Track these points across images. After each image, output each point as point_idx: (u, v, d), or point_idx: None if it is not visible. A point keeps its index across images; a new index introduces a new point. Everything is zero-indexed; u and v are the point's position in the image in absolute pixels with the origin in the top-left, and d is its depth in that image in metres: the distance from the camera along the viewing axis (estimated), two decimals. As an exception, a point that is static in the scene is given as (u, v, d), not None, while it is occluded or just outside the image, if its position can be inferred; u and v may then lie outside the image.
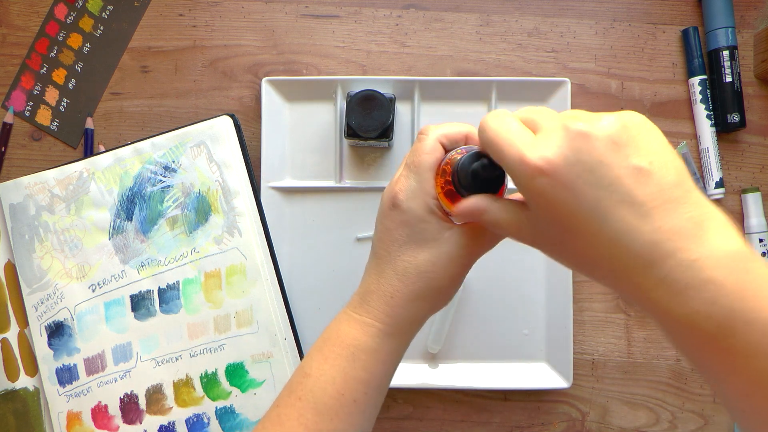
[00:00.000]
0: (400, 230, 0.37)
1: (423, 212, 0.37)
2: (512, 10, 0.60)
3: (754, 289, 0.25)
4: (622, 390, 0.58)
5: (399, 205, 0.37)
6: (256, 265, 0.55)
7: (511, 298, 0.58)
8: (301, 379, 0.38)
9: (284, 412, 0.37)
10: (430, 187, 0.37)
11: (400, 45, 0.60)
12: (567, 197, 0.28)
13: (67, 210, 0.56)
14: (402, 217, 0.37)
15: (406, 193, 0.37)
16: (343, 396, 0.37)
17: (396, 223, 0.37)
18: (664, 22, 0.60)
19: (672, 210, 0.27)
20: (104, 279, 0.56)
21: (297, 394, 0.37)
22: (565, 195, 0.28)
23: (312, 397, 0.37)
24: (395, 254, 0.37)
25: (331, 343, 0.38)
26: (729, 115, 0.58)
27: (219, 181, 0.55)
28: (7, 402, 0.56)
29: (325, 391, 0.37)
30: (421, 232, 0.37)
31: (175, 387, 0.55)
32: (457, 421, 0.58)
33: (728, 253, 0.26)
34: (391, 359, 0.39)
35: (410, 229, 0.37)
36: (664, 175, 0.27)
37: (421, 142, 0.38)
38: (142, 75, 0.60)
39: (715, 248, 0.26)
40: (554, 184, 0.28)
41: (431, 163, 0.37)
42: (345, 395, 0.37)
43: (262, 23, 0.60)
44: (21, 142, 0.60)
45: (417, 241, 0.37)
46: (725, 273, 0.25)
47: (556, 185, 0.28)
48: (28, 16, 0.61)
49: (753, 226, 0.58)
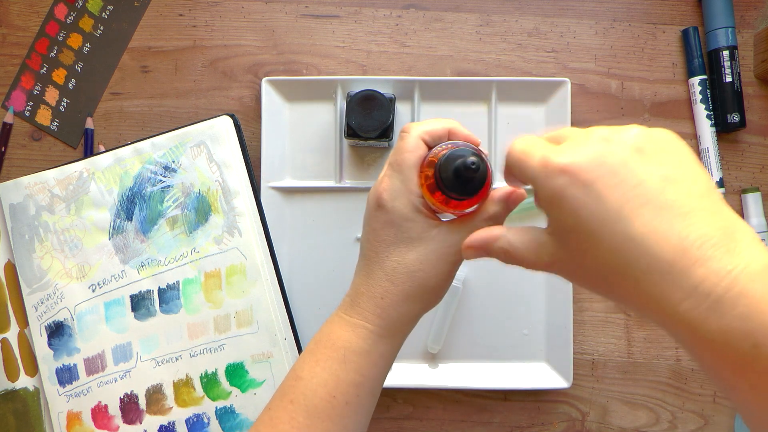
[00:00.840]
0: (387, 230, 0.37)
1: (408, 211, 0.36)
2: (512, 10, 0.60)
3: None
4: (622, 390, 0.58)
5: (384, 206, 0.37)
6: (256, 265, 0.55)
7: (511, 298, 0.58)
8: (292, 382, 0.38)
9: (276, 415, 0.37)
10: (414, 186, 0.36)
11: (400, 45, 0.60)
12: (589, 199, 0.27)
13: (67, 210, 0.56)
14: (387, 217, 0.37)
15: (390, 192, 0.37)
16: (335, 398, 0.37)
17: (382, 223, 0.37)
18: (664, 22, 0.60)
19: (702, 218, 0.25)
20: (104, 279, 0.56)
21: (289, 397, 0.37)
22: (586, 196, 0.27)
23: (304, 399, 0.37)
24: (383, 255, 0.37)
25: (323, 346, 0.38)
26: (729, 115, 0.58)
27: (219, 181, 0.55)
28: (7, 402, 0.56)
29: (317, 393, 0.37)
30: (407, 231, 0.37)
31: (175, 387, 0.55)
32: (457, 421, 0.58)
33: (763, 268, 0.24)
34: (383, 361, 0.38)
35: (396, 228, 0.37)
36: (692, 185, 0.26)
37: (403, 141, 0.37)
38: (142, 75, 0.60)
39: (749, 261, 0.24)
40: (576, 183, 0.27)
41: (414, 161, 0.37)
42: (337, 398, 0.37)
43: (262, 23, 0.60)
44: (21, 142, 0.60)
45: (404, 241, 0.37)
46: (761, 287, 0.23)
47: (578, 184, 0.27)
48: (28, 16, 0.61)
49: (753, 226, 0.58)
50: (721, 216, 0.26)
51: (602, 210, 0.26)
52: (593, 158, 0.27)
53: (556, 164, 0.27)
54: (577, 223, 0.27)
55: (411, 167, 0.37)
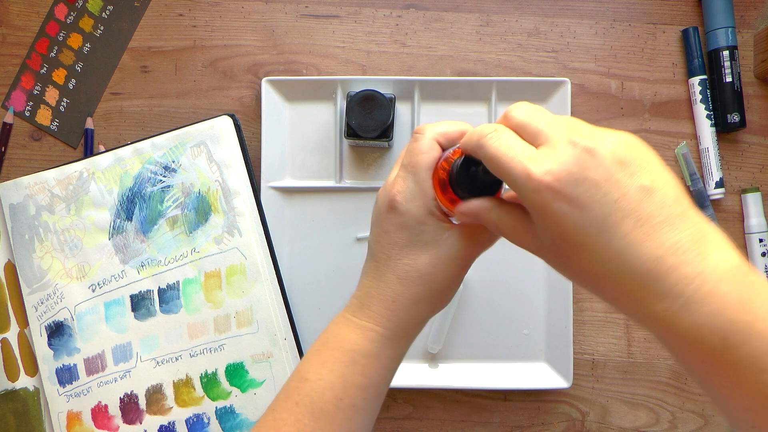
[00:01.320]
0: (400, 233, 0.36)
1: (422, 214, 0.36)
2: (512, 10, 0.60)
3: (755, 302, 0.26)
4: (622, 390, 0.58)
5: (397, 208, 0.36)
6: (256, 265, 0.55)
7: (511, 298, 0.58)
8: (298, 384, 0.38)
9: (281, 417, 0.37)
10: (429, 188, 0.36)
11: (400, 45, 0.60)
12: (573, 212, 0.28)
13: (67, 210, 0.56)
14: (400, 219, 0.36)
15: (404, 195, 0.36)
16: (341, 401, 0.36)
17: (395, 225, 0.37)
18: (664, 22, 0.60)
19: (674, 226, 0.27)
20: (104, 279, 0.56)
21: (294, 399, 0.37)
22: (571, 210, 0.28)
23: (310, 402, 0.36)
24: (395, 257, 0.37)
25: (330, 347, 0.38)
26: (729, 115, 0.58)
27: (219, 181, 0.55)
28: (7, 402, 0.56)
29: (323, 396, 0.36)
30: (420, 234, 0.36)
31: (175, 387, 0.55)
32: (457, 421, 0.58)
33: (729, 268, 0.27)
34: (391, 364, 0.38)
35: (409, 231, 0.36)
36: (666, 193, 0.28)
37: (418, 142, 0.37)
38: (142, 75, 0.60)
39: (716, 263, 0.27)
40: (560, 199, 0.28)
41: (429, 163, 0.36)
42: (344, 400, 0.36)
43: (262, 23, 0.60)
44: (21, 142, 0.60)
45: (417, 244, 0.36)
46: (727, 287, 0.26)
47: (562, 200, 0.28)
48: (28, 16, 0.61)
49: (753, 226, 0.58)
50: (692, 221, 0.28)
51: (586, 224, 0.28)
52: (577, 173, 0.28)
53: (539, 179, 0.28)
54: (561, 232, 0.29)
55: (426, 169, 0.36)
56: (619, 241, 0.27)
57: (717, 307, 0.26)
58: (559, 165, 0.28)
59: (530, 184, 0.28)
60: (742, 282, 0.26)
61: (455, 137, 0.37)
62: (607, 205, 0.27)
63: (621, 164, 0.28)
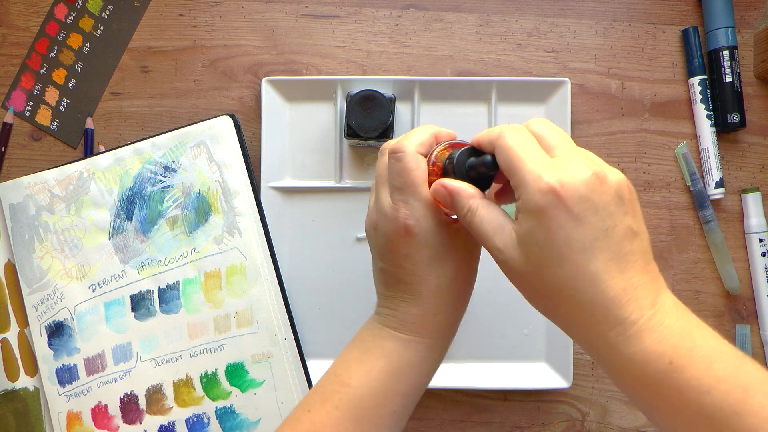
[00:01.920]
0: (422, 252, 0.37)
1: (436, 227, 0.37)
2: (512, 10, 0.60)
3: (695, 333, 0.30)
4: (622, 390, 0.58)
5: (412, 232, 0.37)
6: (256, 265, 0.55)
7: (511, 298, 0.57)
8: (338, 388, 0.38)
9: (319, 420, 0.37)
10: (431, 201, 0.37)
11: (400, 45, 0.60)
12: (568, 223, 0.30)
13: (67, 210, 0.56)
14: (418, 240, 0.37)
15: (414, 218, 0.37)
16: (383, 408, 0.38)
17: (415, 248, 0.37)
18: (664, 22, 0.60)
19: (641, 268, 0.31)
20: (104, 279, 0.56)
21: (334, 403, 0.38)
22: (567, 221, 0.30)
23: (352, 408, 0.37)
24: (425, 275, 0.38)
25: (374, 356, 0.39)
26: (729, 115, 0.58)
27: (219, 181, 0.55)
28: (7, 402, 0.56)
29: (366, 403, 0.38)
30: (439, 245, 0.38)
31: (175, 387, 0.55)
32: (457, 421, 0.58)
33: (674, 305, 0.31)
34: (432, 371, 0.40)
35: (430, 248, 0.37)
36: (644, 240, 0.32)
37: (402, 161, 0.37)
38: (142, 75, 0.60)
39: (665, 300, 0.31)
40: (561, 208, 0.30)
41: (423, 177, 0.37)
42: (385, 407, 0.38)
43: (262, 23, 0.60)
44: (21, 142, 0.60)
45: (439, 254, 0.38)
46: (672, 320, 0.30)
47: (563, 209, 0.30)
48: (28, 16, 0.61)
49: (753, 226, 0.58)
50: (653, 268, 0.32)
51: (575, 239, 0.30)
52: (584, 192, 0.30)
53: (549, 183, 0.30)
54: (549, 239, 0.30)
55: (422, 184, 0.37)
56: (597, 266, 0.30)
57: (664, 334, 0.30)
58: (570, 178, 0.30)
59: (540, 184, 0.30)
60: (683, 317, 0.31)
61: (431, 142, 0.39)
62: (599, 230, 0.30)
63: (620, 200, 0.31)
